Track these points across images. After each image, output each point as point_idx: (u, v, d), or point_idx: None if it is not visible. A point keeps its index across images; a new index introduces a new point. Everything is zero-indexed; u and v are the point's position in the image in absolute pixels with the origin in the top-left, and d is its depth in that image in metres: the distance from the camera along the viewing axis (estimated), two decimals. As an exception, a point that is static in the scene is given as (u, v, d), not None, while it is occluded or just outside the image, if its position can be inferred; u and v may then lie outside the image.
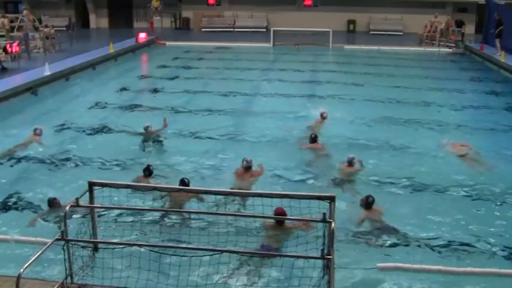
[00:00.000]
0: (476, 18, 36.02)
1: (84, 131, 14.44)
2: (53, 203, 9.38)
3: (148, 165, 10.68)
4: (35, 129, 13.53)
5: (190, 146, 13.31)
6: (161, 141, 13.46)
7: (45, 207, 9.44)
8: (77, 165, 11.93)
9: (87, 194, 6.89)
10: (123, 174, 10.99)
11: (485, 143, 13.67)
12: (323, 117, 15.19)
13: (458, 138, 13.55)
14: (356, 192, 10.35)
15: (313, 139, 12.82)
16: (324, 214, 6.16)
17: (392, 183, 11.00)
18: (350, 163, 11.49)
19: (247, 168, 10.89)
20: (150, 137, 13.46)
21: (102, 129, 14.59)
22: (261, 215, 7.65)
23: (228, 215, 8.53)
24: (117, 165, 11.89)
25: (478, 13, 35.55)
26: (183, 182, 9.63)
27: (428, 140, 13.54)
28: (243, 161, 10.94)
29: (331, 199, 6.36)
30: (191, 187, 9.42)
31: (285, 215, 7.52)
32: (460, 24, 31.37)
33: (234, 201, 9.61)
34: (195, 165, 11.86)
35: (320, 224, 6.41)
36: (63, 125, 14.79)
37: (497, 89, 20.74)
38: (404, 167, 11.84)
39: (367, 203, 9.20)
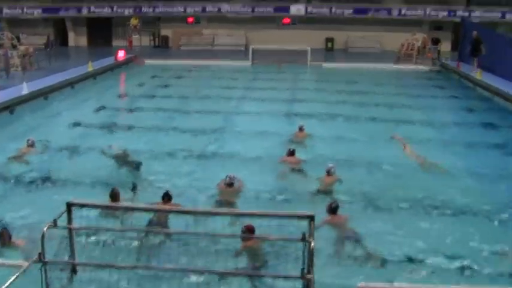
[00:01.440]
0: (452, 36, 36.66)
1: (62, 150, 14.29)
2: (1, 235, 8.64)
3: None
4: (28, 140, 13.57)
5: (169, 165, 13.26)
6: (139, 161, 13.31)
7: (20, 229, 9.14)
8: (55, 185, 11.81)
9: (65, 214, 6.81)
10: (101, 194, 10.88)
11: (462, 160, 13.87)
12: (301, 129, 15.32)
13: (433, 154, 13.70)
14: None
15: (291, 153, 12.90)
16: (304, 233, 6.16)
17: (371, 198, 11.07)
18: (328, 172, 11.56)
19: (230, 184, 10.93)
20: (125, 158, 13.35)
21: (81, 149, 14.46)
22: (243, 235, 7.67)
23: (210, 235, 8.47)
24: (95, 184, 11.77)
25: (453, 30, 36.18)
26: (166, 195, 9.76)
27: (405, 157, 13.65)
28: (226, 177, 10.99)
29: (311, 218, 6.37)
30: (171, 206, 9.41)
31: (254, 230, 7.67)
32: (436, 41, 31.82)
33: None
34: (174, 184, 11.78)
35: (300, 243, 6.40)
36: (42, 144, 14.59)
37: (474, 106, 21.05)
38: (382, 182, 11.97)
39: (331, 209, 9.37)
